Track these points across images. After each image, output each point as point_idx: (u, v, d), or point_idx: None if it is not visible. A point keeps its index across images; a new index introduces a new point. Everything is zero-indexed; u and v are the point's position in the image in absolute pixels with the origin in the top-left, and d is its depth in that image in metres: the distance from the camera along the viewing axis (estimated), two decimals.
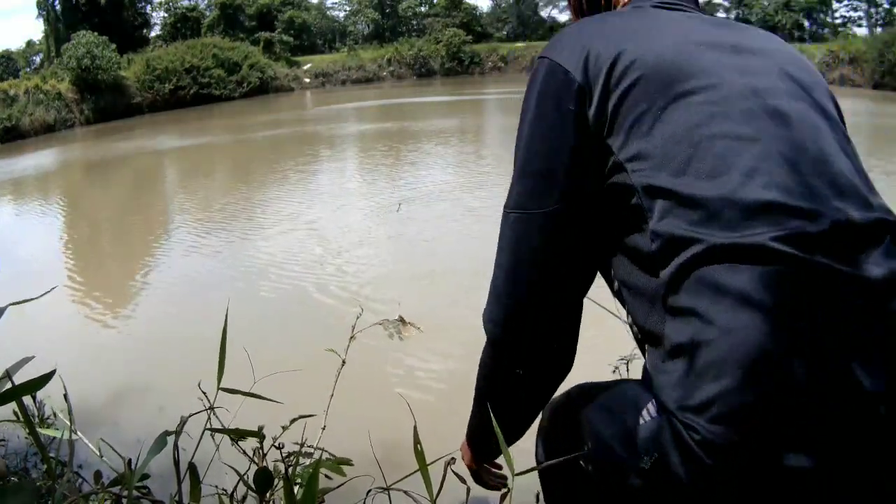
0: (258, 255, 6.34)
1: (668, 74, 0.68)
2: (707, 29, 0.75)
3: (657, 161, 0.66)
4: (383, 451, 1.13)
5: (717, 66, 0.69)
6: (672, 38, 0.72)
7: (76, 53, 20.48)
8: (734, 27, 0.80)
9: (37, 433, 0.76)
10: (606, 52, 0.70)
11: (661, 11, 0.79)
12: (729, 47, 0.72)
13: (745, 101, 0.67)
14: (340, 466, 0.93)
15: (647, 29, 0.74)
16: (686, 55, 0.70)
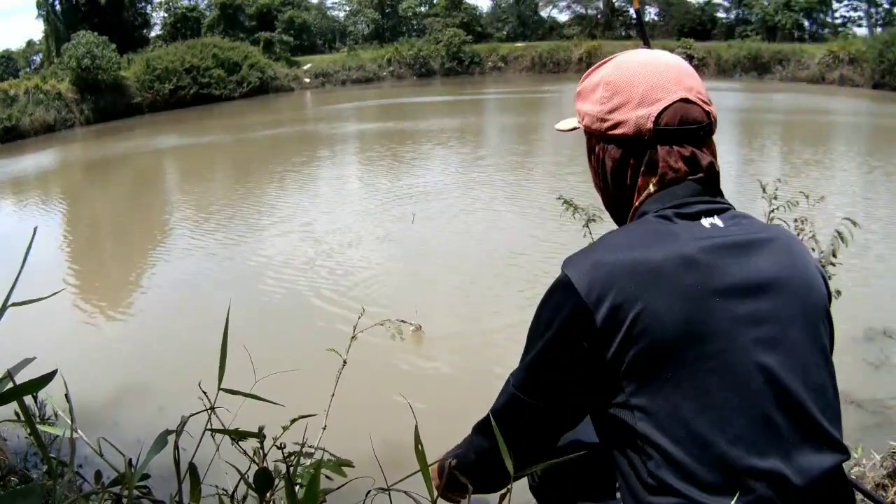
0: (259, 255, 6.35)
1: (682, 340, 0.79)
2: (722, 263, 0.82)
3: (659, 424, 0.79)
4: (384, 452, 1.13)
5: (727, 325, 0.80)
6: (689, 285, 0.80)
7: (76, 53, 20.47)
8: (744, 246, 0.86)
9: (38, 433, 0.76)
10: (629, 303, 0.79)
11: (681, 231, 0.85)
12: (739, 290, 0.81)
13: (744, 370, 0.79)
14: (341, 467, 0.93)
15: (668, 272, 0.80)
16: (701, 313, 0.79)
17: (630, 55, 0.97)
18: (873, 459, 2.29)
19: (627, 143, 0.92)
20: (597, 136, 0.97)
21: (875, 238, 5.85)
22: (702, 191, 0.90)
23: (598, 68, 0.99)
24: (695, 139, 0.91)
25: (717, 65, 26.53)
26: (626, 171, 0.94)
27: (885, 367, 3.70)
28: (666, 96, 0.90)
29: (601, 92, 0.95)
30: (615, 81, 0.94)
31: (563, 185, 8.14)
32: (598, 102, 0.95)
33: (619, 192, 0.97)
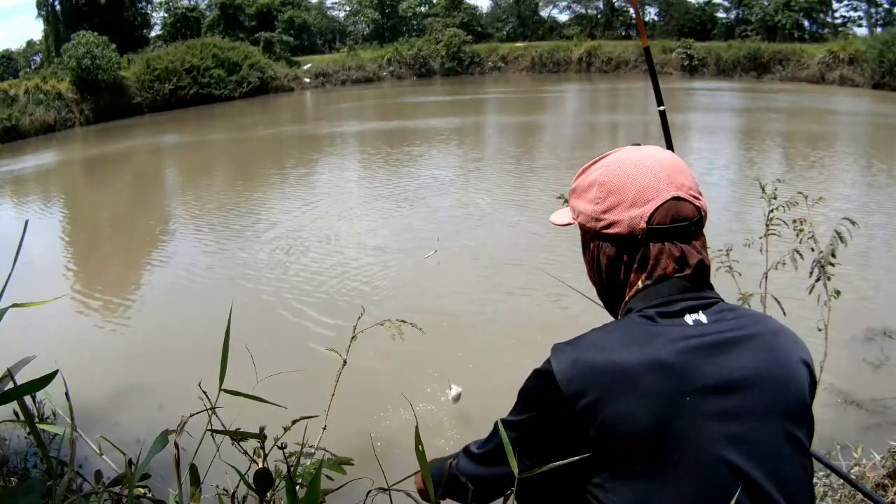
0: (259, 255, 6.35)
1: (651, 439, 0.84)
2: (697, 364, 0.86)
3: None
4: (384, 452, 1.13)
5: (696, 423, 0.84)
6: (659, 388, 0.84)
7: (76, 53, 20.46)
8: (723, 345, 0.89)
9: (38, 432, 0.76)
10: (603, 402, 0.85)
11: (661, 333, 0.89)
12: (711, 389, 0.85)
13: (712, 466, 0.83)
14: (342, 465, 0.93)
15: (641, 377, 0.85)
16: (670, 414, 0.84)
17: (623, 154, 1.00)
18: (873, 459, 2.29)
19: (621, 242, 0.96)
20: (591, 234, 1.01)
21: (875, 238, 5.85)
22: (688, 287, 0.93)
23: (592, 167, 1.02)
24: (685, 235, 0.95)
25: (717, 65, 26.53)
26: (620, 268, 0.98)
27: (885, 367, 3.70)
28: (657, 196, 0.94)
29: (595, 192, 0.99)
30: (608, 182, 0.97)
31: (564, 186, 8.13)
32: (592, 202, 0.99)
33: (612, 287, 1.00)
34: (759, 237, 2.39)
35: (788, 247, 2.35)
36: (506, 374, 3.80)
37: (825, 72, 22.87)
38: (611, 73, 28.63)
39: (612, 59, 28.98)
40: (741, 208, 6.89)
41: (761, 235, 2.37)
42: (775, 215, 2.33)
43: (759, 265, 2.40)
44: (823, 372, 2.38)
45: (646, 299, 0.94)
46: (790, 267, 2.33)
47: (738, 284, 2.31)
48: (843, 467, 1.97)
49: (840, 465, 2.13)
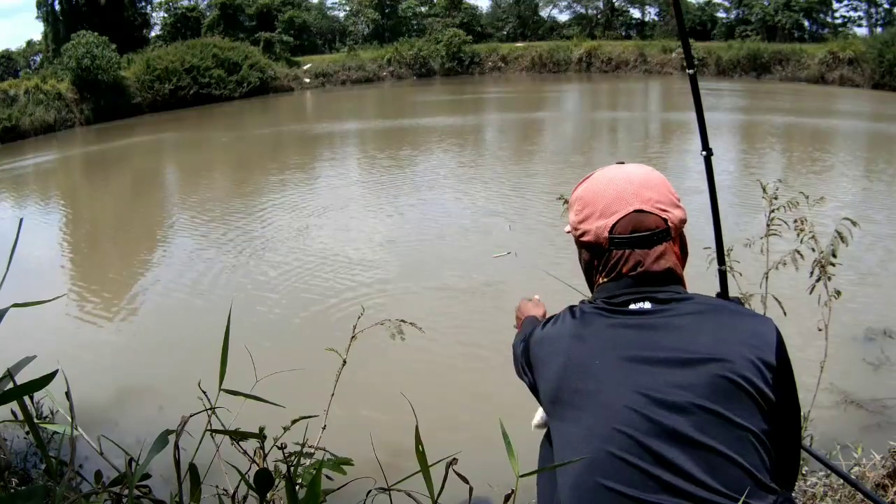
0: (259, 255, 6.34)
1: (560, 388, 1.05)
2: (622, 334, 1.05)
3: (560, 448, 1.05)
4: (384, 452, 1.13)
5: (600, 384, 1.02)
6: (577, 351, 1.07)
7: (76, 53, 20.45)
8: (648, 327, 1.05)
9: (38, 432, 0.75)
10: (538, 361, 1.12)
11: (594, 318, 1.09)
12: (628, 357, 1.02)
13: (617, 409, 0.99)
14: (342, 465, 0.93)
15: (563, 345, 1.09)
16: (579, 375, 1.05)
17: (603, 172, 1.16)
18: (873, 459, 2.29)
19: (591, 248, 1.14)
20: (575, 241, 1.19)
21: (876, 238, 5.85)
22: (635, 283, 1.09)
23: (581, 184, 1.19)
24: (645, 243, 1.09)
25: (717, 65, 26.51)
26: (592, 270, 1.17)
27: (885, 367, 3.70)
28: (622, 209, 1.09)
29: (576, 206, 1.17)
30: (584, 197, 1.15)
31: (564, 187, 8.13)
32: (574, 214, 1.17)
33: (590, 285, 1.21)
34: (759, 237, 2.39)
35: (789, 247, 2.35)
36: (509, 370, 3.80)
37: (825, 72, 22.86)
38: (611, 74, 28.63)
39: (611, 59, 28.96)
40: (743, 208, 6.89)
41: (762, 235, 2.37)
42: (776, 215, 2.33)
43: (759, 265, 2.40)
44: (823, 372, 2.38)
45: (600, 293, 1.13)
46: (791, 267, 2.33)
47: (739, 284, 2.31)
48: (843, 467, 1.97)
49: (840, 465, 2.13)
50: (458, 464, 0.89)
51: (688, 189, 7.65)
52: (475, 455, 1.27)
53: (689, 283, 1.13)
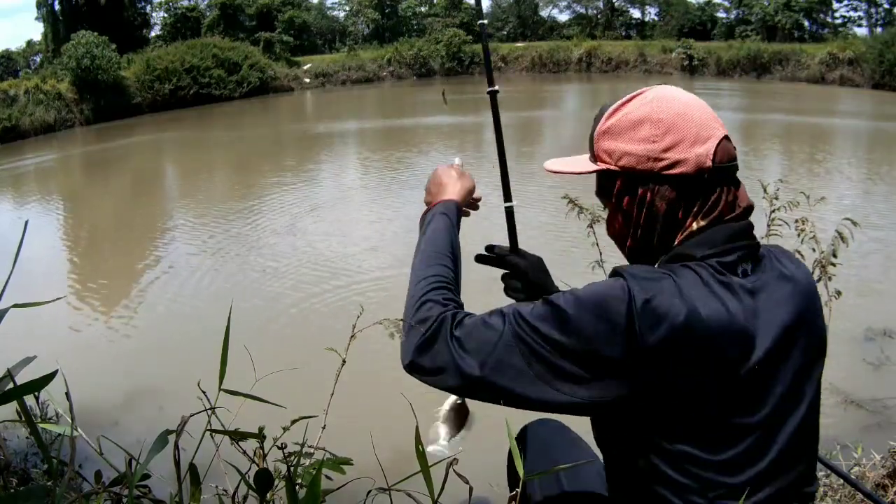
0: (259, 255, 6.35)
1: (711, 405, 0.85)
2: (758, 323, 0.85)
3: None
4: (385, 452, 1.13)
5: (759, 392, 0.85)
6: (737, 354, 0.84)
7: (76, 53, 20.45)
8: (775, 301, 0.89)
9: (38, 432, 0.76)
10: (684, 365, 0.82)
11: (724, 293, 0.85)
12: (770, 350, 0.85)
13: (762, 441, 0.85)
14: (342, 465, 0.93)
15: (724, 337, 0.83)
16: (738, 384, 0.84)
17: (663, 92, 0.95)
18: (873, 459, 2.29)
19: (683, 183, 0.90)
20: (645, 177, 0.92)
21: (876, 238, 5.85)
22: (738, 233, 0.90)
23: (627, 105, 0.95)
24: (735, 177, 0.94)
25: (717, 65, 26.51)
26: (677, 212, 0.91)
27: (885, 367, 3.70)
28: (713, 134, 0.90)
29: (648, 130, 0.91)
30: (665, 119, 0.91)
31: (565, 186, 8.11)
32: (646, 141, 0.91)
33: (661, 235, 0.93)
34: (760, 238, 2.39)
35: (790, 247, 2.35)
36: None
37: (825, 72, 22.86)
38: (611, 74, 28.62)
39: (612, 59, 28.96)
40: None
41: (763, 236, 2.37)
42: (777, 216, 2.34)
43: None
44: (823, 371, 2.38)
45: (701, 246, 0.88)
46: None
47: None
48: (843, 467, 1.97)
49: (840, 465, 2.13)
50: (459, 464, 0.89)
51: None
52: (476, 455, 1.27)
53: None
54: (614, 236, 1.01)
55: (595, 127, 0.99)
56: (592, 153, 1.00)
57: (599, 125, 0.97)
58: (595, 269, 2.19)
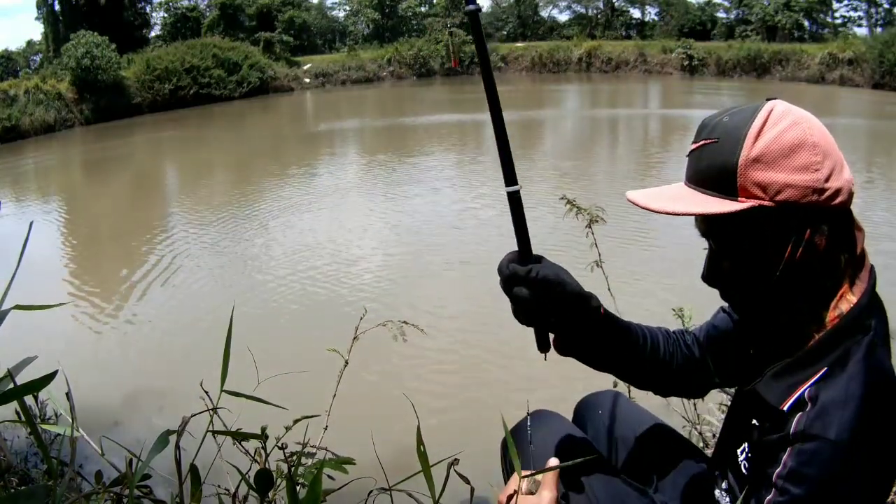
0: (260, 255, 6.34)
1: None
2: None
3: None
4: (386, 452, 1.13)
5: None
6: None
7: (76, 53, 20.45)
8: None
9: (38, 432, 0.75)
10: None
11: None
12: None
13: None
14: (343, 466, 0.93)
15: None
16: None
17: (792, 108, 0.83)
18: None
19: (839, 214, 0.80)
20: (807, 213, 0.79)
21: (876, 238, 5.85)
22: (873, 298, 0.83)
23: (769, 126, 0.80)
24: None
25: (717, 65, 26.52)
26: (833, 250, 0.80)
27: None
28: (841, 154, 0.81)
29: (808, 156, 0.78)
30: (819, 143, 0.78)
31: (565, 186, 8.12)
32: (806, 170, 0.78)
33: (813, 284, 0.82)
34: None
35: None
36: (509, 371, 3.80)
37: (825, 72, 22.87)
38: (611, 74, 28.62)
39: (611, 59, 28.97)
40: None
41: None
42: None
43: None
44: None
45: (869, 314, 0.81)
46: None
47: None
48: None
49: None
50: (460, 464, 0.89)
51: None
52: (477, 455, 1.27)
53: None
54: (737, 282, 0.87)
55: (729, 154, 0.81)
56: (726, 187, 0.81)
57: (744, 152, 0.80)
58: (594, 270, 2.18)
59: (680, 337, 1.17)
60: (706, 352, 1.14)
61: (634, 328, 1.10)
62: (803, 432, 0.77)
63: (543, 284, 0.93)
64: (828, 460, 0.76)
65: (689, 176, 0.87)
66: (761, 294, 0.85)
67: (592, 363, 1.07)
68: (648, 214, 0.90)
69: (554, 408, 1.23)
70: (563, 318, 0.95)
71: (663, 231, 6.02)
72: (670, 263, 5.24)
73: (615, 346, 1.05)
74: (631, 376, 1.14)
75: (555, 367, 3.45)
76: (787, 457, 0.78)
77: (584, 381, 1.49)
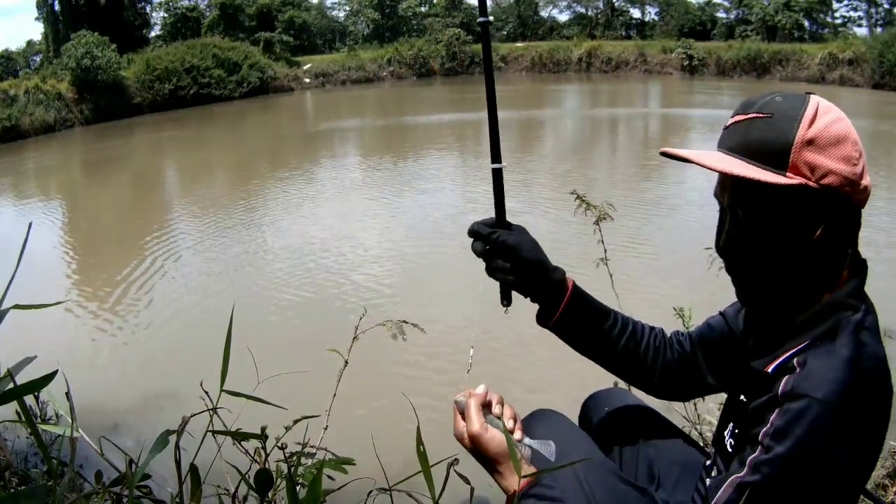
0: (261, 256, 6.34)
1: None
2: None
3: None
4: (386, 452, 1.13)
5: None
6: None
7: (76, 53, 20.44)
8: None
9: (38, 432, 0.75)
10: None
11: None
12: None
13: None
14: (343, 466, 0.93)
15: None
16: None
17: (831, 105, 0.86)
18: None
19: (859, 212, 0.86)
20: (840, 201, 0.83)
21: (876, 238, 5.85)
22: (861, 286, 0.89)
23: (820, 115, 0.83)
24: None
25: (717, 65, 26.51)
26: (848, 241, 0.87)
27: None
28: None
29: (850, 149, 0.82)
30: (858, 141, 0.84)
31: (568, 181, 8.10)
32: (848, 161, 0.82)
33: (825, 270, 0.87)
34: None
35: None
36: (510, 371, 3.80)
37: (825, 72, 22.87)
38: (611, 74, 28.62)
39: (611, 59, 28.96)
40: None
41: None
42: None
43: None
44: None
45: (857, 296, 0.86)
46: None
47: None
48: None
49: None
50: (460, 464, 0.89)
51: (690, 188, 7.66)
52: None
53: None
54: (755, 254, 0.89)
55: (784, 131, 0.83)
56: (776, 161, 0.83)
57: (799, 132, 0.83)
58: (599, 266, 2.17)
59: (674, 336, 1.21)
60: (698, 349, 1.17)
61: (612, 313, 1.15)
62: (791, 391, 0.79)
63: (500, 246, 1.07)
64: (815, 419, 0.77)
65: (732, 145, 0.88)
66: (775, 269, 0.87)
67: (568, 340, 1.14)
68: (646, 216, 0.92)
69: (557, 408, 1.23)
70: (521, 280, 1.08)
71: (655, 234, 6.02)
72: (670, 262, 5.25)
73: (585, 325, 1.12)
74: (609, 364, 1.17)
75: (555, 368, 3.45)
76: (774, 416, 0.80)
77: (587, 381, 1.48)
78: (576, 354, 1.17)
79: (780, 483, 0.80)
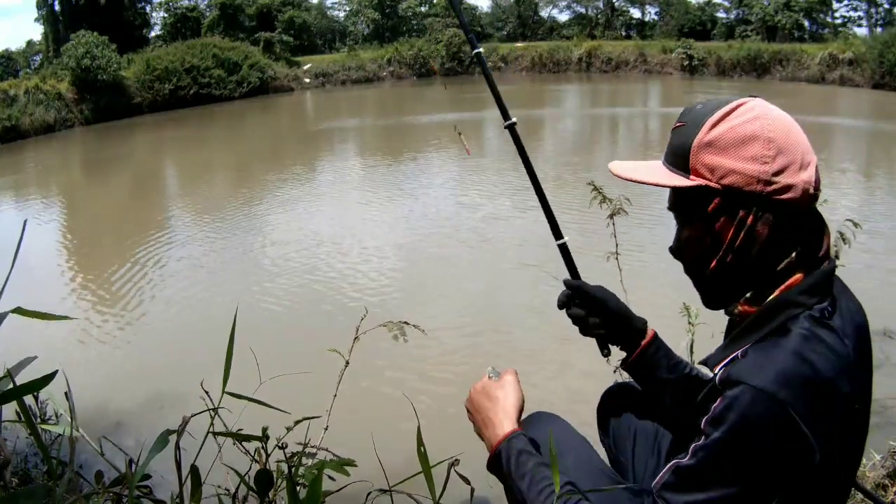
0: (261, 256, 6.34)
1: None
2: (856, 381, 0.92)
3: None
4: (386, 453, 1.13)
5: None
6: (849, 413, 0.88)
7: (76, 53, 20.44)
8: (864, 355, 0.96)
9: (38, 433, 0.75)
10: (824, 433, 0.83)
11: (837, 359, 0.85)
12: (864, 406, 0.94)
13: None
14: (344, 467, 0.93)
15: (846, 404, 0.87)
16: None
17: (768, 107, 0.89)
18: (873, 459, 2.29)
19: (789, 209, 0.85)
20: (749, 199, 0.85)
21: (876, 238, 5.85)
22: (826, 280, 0.88)
23: (731, 117, 0.87)
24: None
25: (717, 65, 26.50)
26: (779, 245, 0.86)
27: (885, 367, 3.69)
28: (812, 159, 0.86)
29: (760, 148, 0.84)
30: (776, 139, 0.84)
31: (569, 173, 8.10)
32: (757, 161, 0.84)
33: (756, 269, 0.89)
34: None
35: None
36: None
37: (825, 72, 22.86)
38: (611, 74, 28.61)
39: (611, 59, 28.95)
40: None
41: None
42: None
43: None
44: None
45: (809, 294, 0.86)
46: None
47: None
48: None
49: None
50: (460, 464, 0.89)
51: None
52: (477, 456, 1.27)
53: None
54: (691, 256, 0.95)
55: (688, 136, 0.89)
56: (682, 165, 0.91)
57: (698, 136, 0.88)
58: (610, 259, 2.17)
59: None
60: None
61: (687, 364, 1.20)
62: (727, 378, 0.83)
63: (591, 301, 1.17)
64: (748, 405, 0.78)
65: (665, 155, 0.97)
66: (716, 272, 0.92)
67: (644, 386, 1.22)
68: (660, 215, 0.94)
69: (560, 410, 1.23)
70: (610, 331, 1.17)
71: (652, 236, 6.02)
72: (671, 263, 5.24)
73: (661, 374, 1.17)
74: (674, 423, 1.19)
75: (556, 368, 3.44)
76: (716, 404, 0.82)
77: (588, 385, 1.48)
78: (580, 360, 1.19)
79: (709, 467, 0.81)
